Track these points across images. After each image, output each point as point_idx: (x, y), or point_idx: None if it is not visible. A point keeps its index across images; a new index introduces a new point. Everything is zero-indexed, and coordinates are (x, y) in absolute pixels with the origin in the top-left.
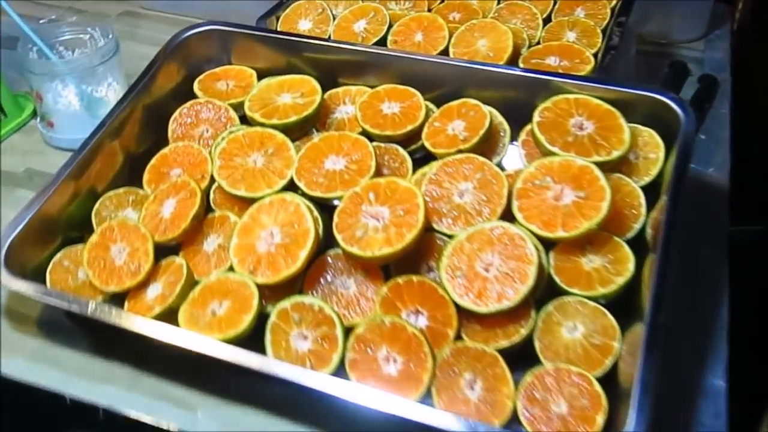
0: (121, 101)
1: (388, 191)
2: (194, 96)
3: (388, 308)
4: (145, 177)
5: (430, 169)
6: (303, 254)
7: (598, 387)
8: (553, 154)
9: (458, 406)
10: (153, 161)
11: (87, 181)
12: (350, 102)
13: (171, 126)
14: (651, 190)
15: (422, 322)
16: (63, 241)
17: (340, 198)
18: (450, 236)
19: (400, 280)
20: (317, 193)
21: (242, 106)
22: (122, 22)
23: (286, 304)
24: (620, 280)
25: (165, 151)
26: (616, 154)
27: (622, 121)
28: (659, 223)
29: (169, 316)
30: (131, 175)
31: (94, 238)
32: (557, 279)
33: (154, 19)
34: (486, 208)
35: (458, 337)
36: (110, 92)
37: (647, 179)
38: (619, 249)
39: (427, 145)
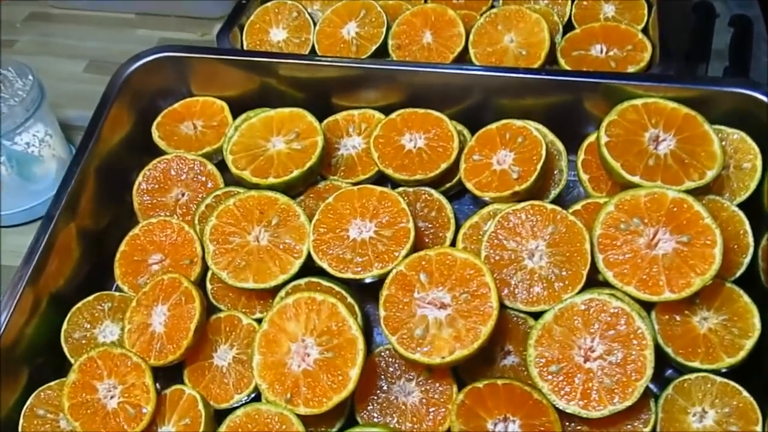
0: (70, 169)
1: (443, 268)
2: (153, 145)
3: (467, 418)
4: (117, 270)
5: (482, 221)
6: (353, 373)
7: None
8: (633, 185)
9: None
10: (122, 247)
11: (45, 286)
12: (355, 131)
13: (136, 197)
14: (747, 208)
15: (514, 430)
16: (30, 376)
17: (377, 277)
18: (528, 314)
19: (480, 384)
20: (348, 275)
21: (219, 153)
22: (32, 29)
23: None
24: (748, 344)
25: (136, 231)
26: (710, 174)
27: (707, 127)
28: None
29: None
30: (97, 267)
31: (73, 378)
32: (668, 350)
33: (69, 21)
34: (566, 271)
35: None
36: (43, 147)
37: (744, 195)
38: (736, 299)
39: (470, 186)
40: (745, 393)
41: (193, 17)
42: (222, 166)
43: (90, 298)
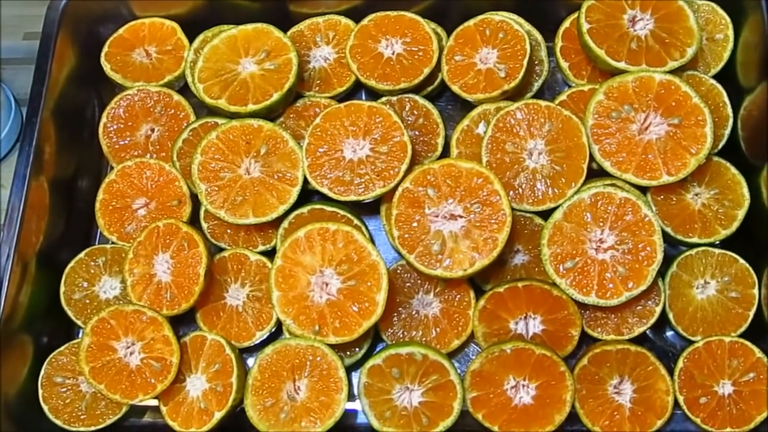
0: (29, 118)
1: (450, 180)
2: (105, 78)
3: (489, 321)
4: (100, 221)
5: (473, 124)
6: (380, 298)
7: (759, 353)
8: (619, 71)
9: (610, 416)
10: (101, 195)
11: (29, 248)
12: (323, 41)
13: (104, 139)
14: (722, 79)
15: (536, 327)
16: (36, 344)
17: (381, 196)
18: (534, 213)
19: (501, 289)
20: (351, 197)
21: (181, 80)
22: None
23: (377, 360)
24: (740, 214)
25: (112, 177)
26: (690, 52)
27: (681, 1)
28: (756, 121)
29: (232, 416)
30: (74, 219)
31: (87, 341)
32: (668, 229)
33: None
34: (566, 166)
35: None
36: None
37: (718, 66)
38: (724, 172)
39: (456, 89)
40: (741, 260)
41: None
42: (186, 92)
43: (81, 255)
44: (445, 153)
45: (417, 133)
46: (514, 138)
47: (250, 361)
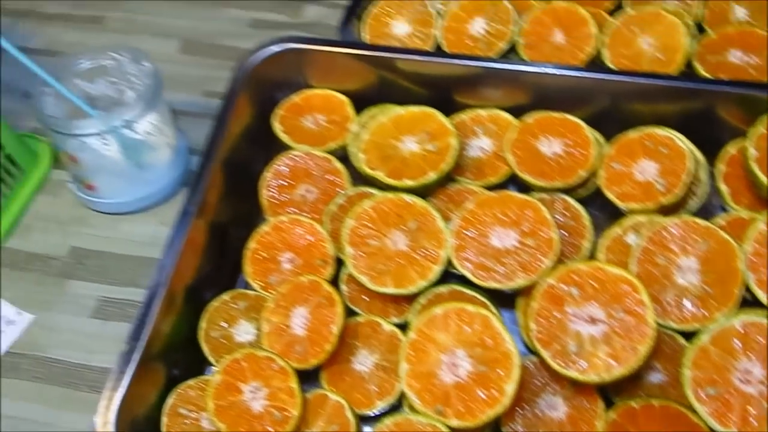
0: (203, 163)
1: (595, 282)
2: (273, 138)
3: None
4: (248, 268)
5: (624, 233)
6: (510, 389)
7: None
8: None
9: None
10: (252, 244)
11: (181, 282)
12: (483, 133)
13: (264, 192)
14: None
15: None
16: (167, 374)
17: (520, 289)
18: (677, 332)
19: (635, 404)
20: (491, 284)
21: (342, 149)
22: (118, 6)
23: None
24: None
25: (266, 228)
26: None
27: None
28: None
29: None
30: (223, 262)
31: (218, 379)
32: None
33: None
34: (718, 289)
35: None
36: (158, 135)
37: None
38: None
39: (611, 196)
40: None
41: None
42: (344, 161)
43: (226, 296)
44: (591, 258)
45: (564, 233)
46: (666, 252)
47: (366, 430)
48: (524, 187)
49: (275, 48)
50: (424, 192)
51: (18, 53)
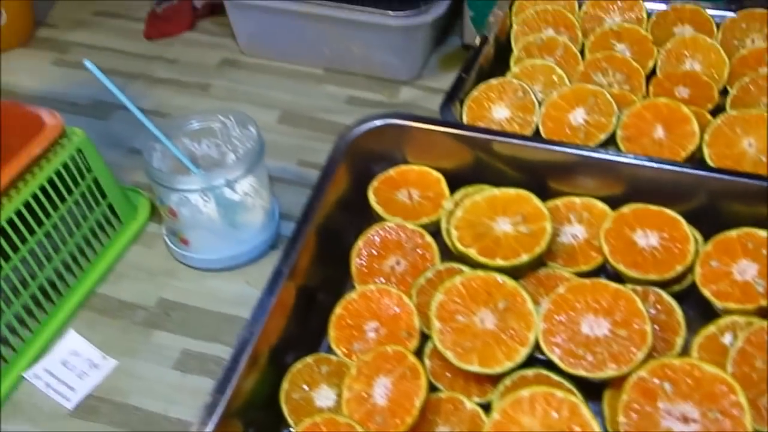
0: (300, 227)
1: (689, 379)
2: (367, 208)
3: None
4: (333, 333)
5: (719, 332)
6: None
7: None
8: None
9: None
10: (338, 310)
11: (267, 342)
12: (576, 220)
13: (354, 260)
14: None
15: None
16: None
17: (609, 380)
18: None
19: None
20: (579, 372)
21: (435, 225)
22: (224, 75)
23: None
24: None
25: (353, 295)
26: None
27: None
28: None
29: None
30: (309, 326)
31: None
32: None
33: (260, 70)
34: None
35: None
36: (254, 197)
37: None
38: None
39: (708, 294)
40: None
41: (380, 78)
42: (436, 237)
43: (309, 359)
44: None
45: (657, 327)
46: (765, 355)
47: None
48: (616, 278)
49: (378, 122)
50: (514, 273)
51: (135, 109)
